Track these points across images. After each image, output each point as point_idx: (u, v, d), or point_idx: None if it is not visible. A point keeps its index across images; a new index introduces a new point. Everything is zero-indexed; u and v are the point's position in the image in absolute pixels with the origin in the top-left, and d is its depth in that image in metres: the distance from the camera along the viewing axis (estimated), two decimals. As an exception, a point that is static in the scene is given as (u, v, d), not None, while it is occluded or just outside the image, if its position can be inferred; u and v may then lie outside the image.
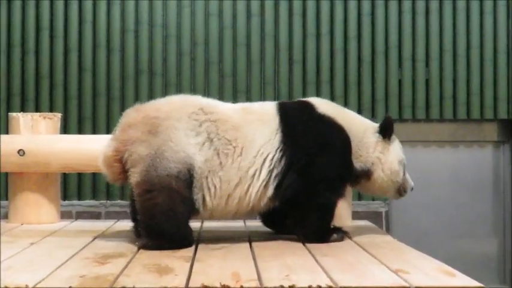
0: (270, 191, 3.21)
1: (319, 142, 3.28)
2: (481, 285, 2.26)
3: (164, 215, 3.06)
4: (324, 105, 3.43)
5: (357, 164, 3.41)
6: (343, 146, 3.36)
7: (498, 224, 6.51)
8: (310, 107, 3.39)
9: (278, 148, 3.22)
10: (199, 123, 3.19)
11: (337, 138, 3.34)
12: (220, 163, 3.17)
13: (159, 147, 3.10)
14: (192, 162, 3.11)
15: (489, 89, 6.28)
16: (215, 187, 3.16)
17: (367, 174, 3.45)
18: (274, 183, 3.21)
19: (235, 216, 3.32)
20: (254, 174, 3.19)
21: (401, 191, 3.55)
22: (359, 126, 3.47)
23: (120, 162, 3.19)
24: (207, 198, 3.17)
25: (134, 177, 3.13)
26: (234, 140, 3.19)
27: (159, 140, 3.11)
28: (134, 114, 3.25)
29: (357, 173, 3.43)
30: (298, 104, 3.50)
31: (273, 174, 3.20)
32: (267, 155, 3.20)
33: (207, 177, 3.15)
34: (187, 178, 3.10)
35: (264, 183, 3.20)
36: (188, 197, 3.10)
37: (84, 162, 4.05)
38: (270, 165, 3.19)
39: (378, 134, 3.47)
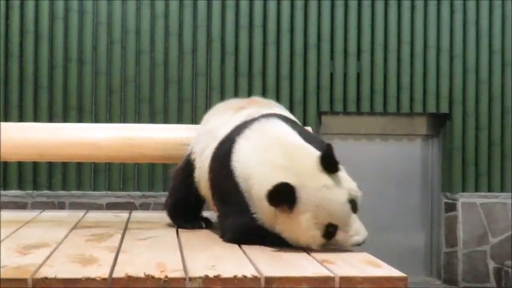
0: None
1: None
2: (405, 275, 2.29)
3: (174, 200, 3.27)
4: (262, 132, 2.73)
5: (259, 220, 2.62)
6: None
7: (426, 217, 6.62)
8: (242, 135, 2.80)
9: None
10: (209, 120, 3.26)
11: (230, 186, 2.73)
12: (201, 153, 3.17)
13: None
14: (192, 151, 3.18)
15: (419, 83, 6.37)
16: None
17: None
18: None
19: None
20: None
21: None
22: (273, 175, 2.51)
23: None
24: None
25: None
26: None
27: None
28: None
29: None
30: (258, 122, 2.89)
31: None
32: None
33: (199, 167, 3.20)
34: (188, 167, 3.17)
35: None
36: (190, 184, 3.15)
37: (8, 150, 3.95)
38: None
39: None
